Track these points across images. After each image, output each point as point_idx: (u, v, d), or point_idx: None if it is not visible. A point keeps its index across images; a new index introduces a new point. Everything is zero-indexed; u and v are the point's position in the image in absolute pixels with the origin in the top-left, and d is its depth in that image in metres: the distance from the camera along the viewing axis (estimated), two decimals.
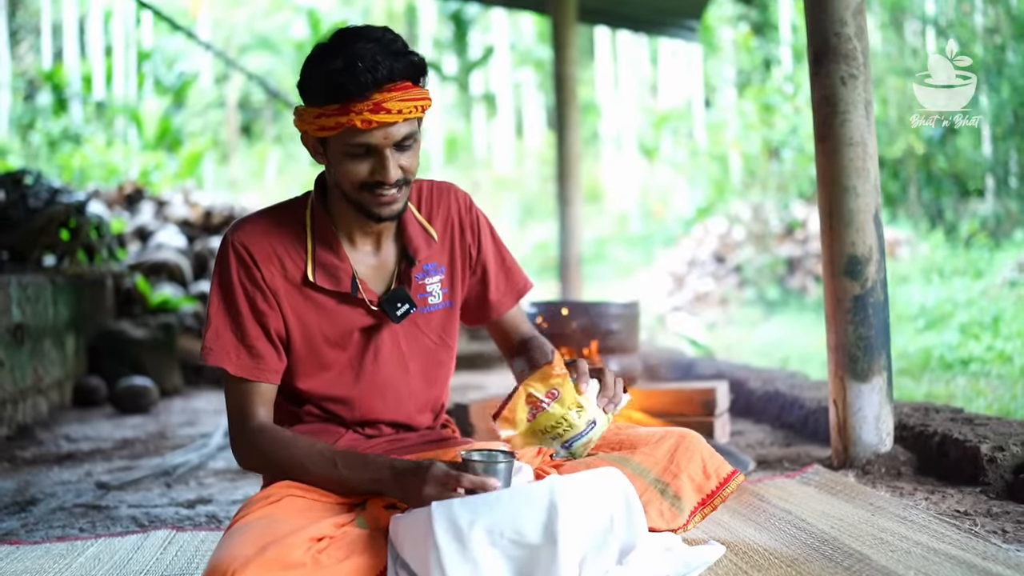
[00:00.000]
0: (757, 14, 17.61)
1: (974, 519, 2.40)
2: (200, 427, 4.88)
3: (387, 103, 1.83)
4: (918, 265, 9.97)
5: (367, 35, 1.86)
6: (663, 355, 6.02)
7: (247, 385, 1.98)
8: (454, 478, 1.75)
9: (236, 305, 1.98)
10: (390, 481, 1.83)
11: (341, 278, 2.02)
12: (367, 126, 1.83)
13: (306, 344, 2.03)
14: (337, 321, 2.04)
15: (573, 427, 1.91)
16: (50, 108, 17.06)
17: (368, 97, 1.82)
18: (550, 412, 1.90)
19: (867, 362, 2.97)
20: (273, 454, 1.93)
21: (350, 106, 1.82)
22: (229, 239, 2.00)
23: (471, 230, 2.19)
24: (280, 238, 2.01)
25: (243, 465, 2.01)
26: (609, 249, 16.40)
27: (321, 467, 1.89)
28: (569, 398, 1.91)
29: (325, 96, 1.85)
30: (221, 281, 2.00)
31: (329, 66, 1.83)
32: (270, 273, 1.99)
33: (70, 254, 5.89)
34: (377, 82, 1.82)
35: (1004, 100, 10.36)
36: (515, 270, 2.28)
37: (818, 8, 2.99)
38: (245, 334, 1.98)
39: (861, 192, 2.94)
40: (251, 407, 1.97)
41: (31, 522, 2.89)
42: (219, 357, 1.96)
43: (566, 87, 7.67)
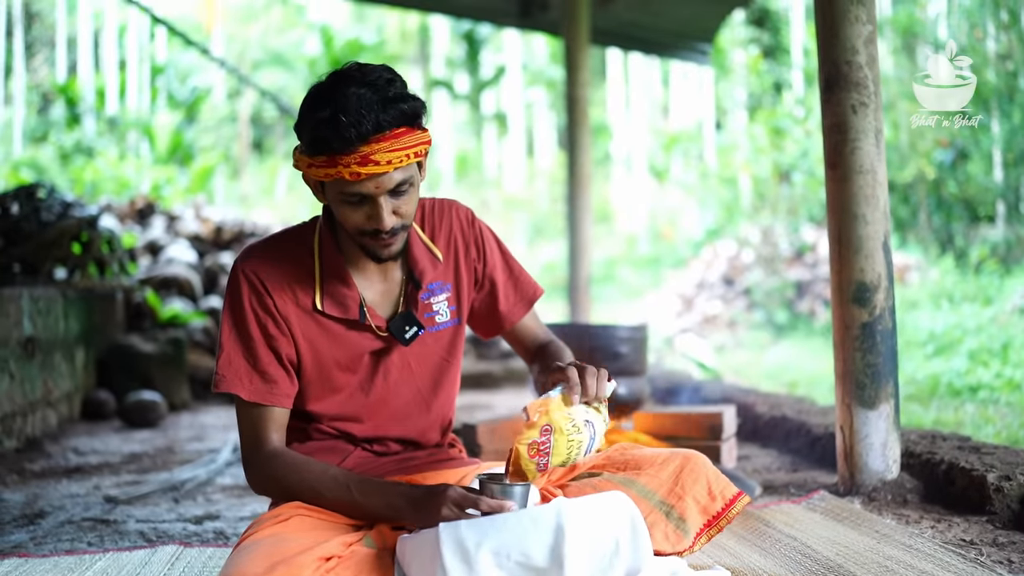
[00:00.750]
0: (769, 37, 17.66)
1: (980, 549, 2.39)
2: (208, 442, 4.89)
3: (375, 155, 1.81)
4: (928, 291, 9.95)
5: (360, 79, 1.83)
6: (671, 378, 6.02)
7: (260, 410, 1.99)
8: (472, 501, 1.76)
9: (248, 331, 1.99)
10: (406, 506, 1.84)
11: (349, 305, 2.03)
12: (355, 178, 1.82)
13: (317, 368, 2.04)
14: (347, 346, 2.05)
15: (581, 443, 1.89)
16: (63, 121, 17.16)
17: (355, 151, 1.80)
18: (556, 449, 1.86)
19: (874, 389, 2.97)
20: (286, 479, 1.94)
21: (337, 159, 1.81)
22: (239, 267, 2.02)
23: (475, 245, 2.20)
24: (289, 266, 2.03)
25: (257, 490, 2.02)
26: (618, 270, 16.40)
27: (335, 492, 1.90)
28: (561, 427, 1.86)
29: (314, 147, 1.84)
30: (232, 308, 2.01)
31: (317, 116, 1.81)
32: (281, 300, 2.01)
33: (81, 267, 5.92)
34: (362, 136, 1.79)
35: (1016, 126, 10.36)
36: (524, 278, 2.28)
37: (830, 36, 3.01)
38: (257, 360, 1.99)
39: (870, 220, 2.95)
40: (264, 432, 1.99)
41: (40, 535, 2.91)
42: (232, 384, 1.98)
43: (578, 108, 7.70)
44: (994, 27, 10.92)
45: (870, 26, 2.97)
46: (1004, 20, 10.78)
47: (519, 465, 1.85)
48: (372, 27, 23.38)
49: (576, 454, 1.89)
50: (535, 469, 1.84)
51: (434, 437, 2.21)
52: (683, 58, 9.90)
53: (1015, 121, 10.31)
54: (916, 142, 11.62)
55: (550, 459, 1.85)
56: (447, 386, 2.20)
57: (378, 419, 2.11)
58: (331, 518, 1.95)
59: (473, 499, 1.77)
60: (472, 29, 21.15)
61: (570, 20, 7.67)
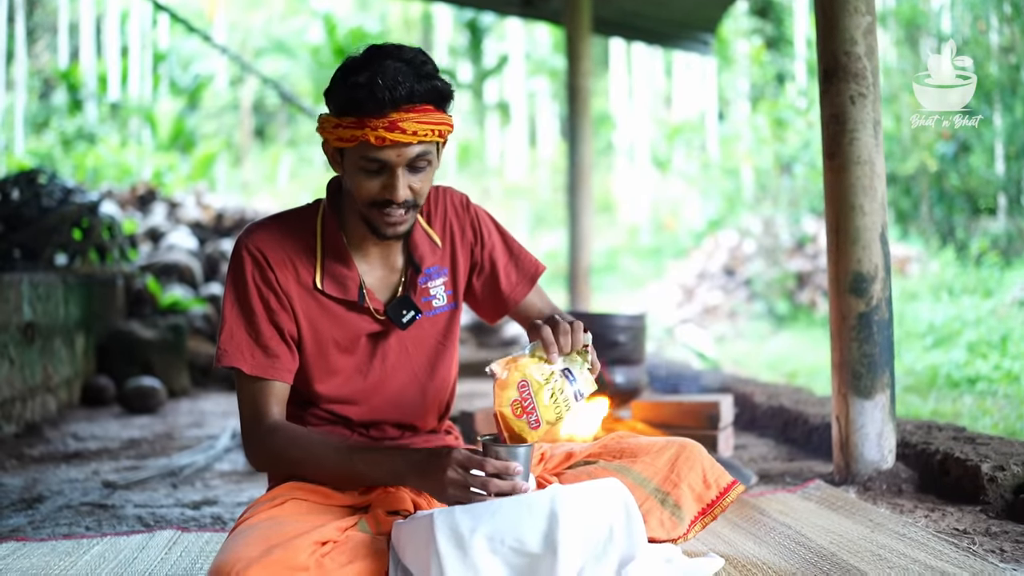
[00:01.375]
0: (772, 28, 17.62)
1: (973, 538, 2.41)
2: (207, 429, 4.91)
3: (403, 123, 1.85)
4: (928, 282, 9.95)
5: (397, 54, 1.88)
6: (669, 367, 6.02)
7: (261, 384, 1.99)
8: (477, 462, 1.76)
9: (250, 306, 2.01)
10: (408, 471, 1.83)
11: (349, 286, 2.05)
12: (380, 143, 1.85)
13: (316, 347, 2.05)
14: (346, 327, 2.07)
15: (564, 392, 1.85)
16: (65, 107, 17.14)
17: (384, 115, 1.84)
18: (541, 402, 1.83)
19: (871, 379, 2.98)
20: (286, 452, 1.94)
21: (366, 121, 1.85)
22: (243, 242, 2.03)
23: (471, 228, 2.21)
24: (292, 244, 2.05)
25: (256, 465, 2.03)
26: (620, 260, 16.40)
27: (336, 462, 1.90)
28: (537, 380, 1.83)
29: (344, 108, 1.88)
30: (235, 283, 2.03)
31: (352, 79, 1.86)
32: (284, 276, 2.02)
33: (82, 253, 5.93)
34: (395, 101, 1.83)
35: (1018, 119, 10.35)
36: (524, 256, 2.29)
37: (828, 27, 3.01)
38: (260, 334, 2.00)
39: (868, 210, 2.96)
40: (265, 406, 1.99)
41: (38, 519, 2.92)
42: (233, 357, 1.98)
43: (579, 98, 7.69)
44: (997, 20, 10.90)
45: (869, 17, 2.97)
46: (1007, 13, 10.76)
47: (511, 430, 1.84)
48: (375, 15, 23.33)
49: (566, 404, 1.85)
50: (528, 428, 1.83)
51: (431, 422, 2.22)
52: (686, 48, 9.88)
53: (1017, 114, 10.31)
54: (918, 134, 11.61)
55: (539, 414, 1.83)
56: (443, 370, 2.21)
57: (375, 403, 2.12)
58: (327, 502, 1.96)
59: (478, 460, 1.76)
60: (475, 18, 21.10)
61: (572, 9, 7.66)
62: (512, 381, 1.84)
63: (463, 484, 1.75)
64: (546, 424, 1.84)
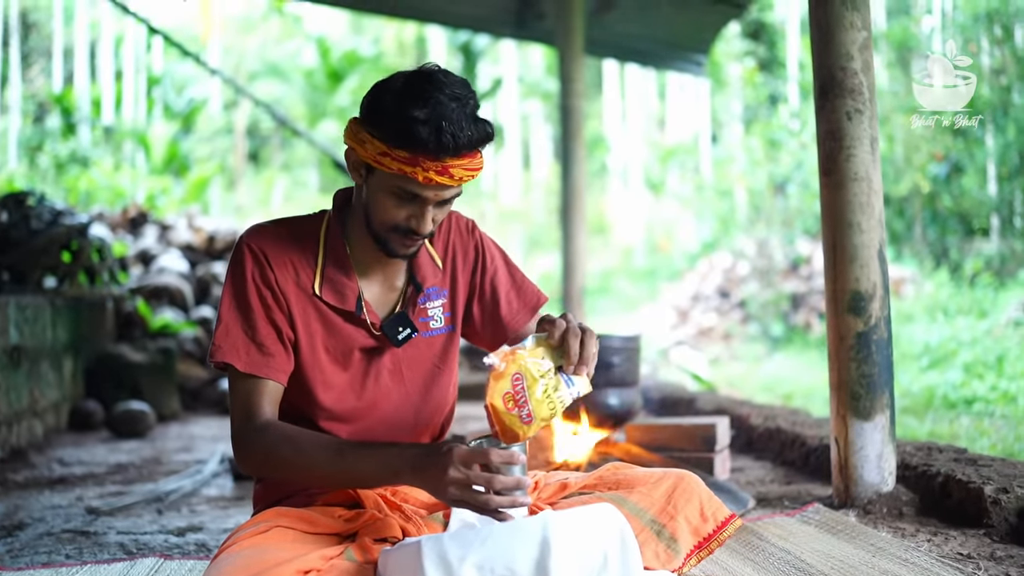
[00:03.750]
0: (764, 50, 17.69)
1: (977, 563, 2.35)
2: (196, 453, 4.84)
3: (453, 168, 1.83)
4: (922, 304, 9.94)
5: (450, 91, 1.82)
6: (664, 390, 5.97)
7: (255, 382, 1.94)
8: (481, 456, 1.70)
9: (248, 303, 1.97)
10: (406, 469, 1.77)
11: (347, 296, 2.02)
12: (427, 183, 1.83)
13: (311, 354, 2.01)
14: (340, 338, 2.03)
15: (558, 389, 1.80)
16: (59, 131, 17.11)
17: (442, 160, 1.81)
18: (533, 396, 1.77)
19: (870, 400, 2.93)
20: (277, 450, 1.87)
21: (420, 160, 1.81)
22: (245, 240, 2.01)
23: (475, 252, 2.19)
24: (294, 248, 2.02)
25: (246, 466, 1.95)
26: (614, 282, 16.39)
27: (329, 460, 1.83)
28: (531, 373, 1.79)
29: (399, 140, 1.82)
30: (234, 280, 1.99)
31: (412, 112, 1.79)
32: (283, 277, 1.99)
33: (71, 276, 5.87)
34: (457, 149, 1.80)
35: (1010, 140, 10.37)
36: (527, 286, 2.26)
37: (824, 42, 2.98)
38: (256, 332, 1.96)
39: (865, 228, 2.91)
40: (257, 405, 1.93)
41: (16, 547, 2.85)
42: (228, 354, 1.94)
43: (572, 119, 7.67)
44: (988, 42, 10.95)
45: (865, 32, 2.94)
46: (998, 35, 10.80)
47: (503, 423, 1.78)
48: (369, 38, 23.38)
49: (560, 401, 1.80)
50: (519, 421, 1.77)
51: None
52: (679, 69, 9.89)
53: (1009, 135, 10.32)
54: (911, 155, 11.64)
55: (531, 408, 1.77)
56: (438, 395, 2.16)
57: (367, 423, 2.07)
58: (312, 529, 1.90)
59: (482, 453, 1.70)
60: (469, 41, 21.16)
61: (565, 30, 7.65)
62: (507, 373, 1.78)
63: (465, 483, 1.69)
64: (539, 420, 1.78)
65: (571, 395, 1.82)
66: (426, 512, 2.06)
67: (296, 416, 2.04)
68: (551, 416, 1.80)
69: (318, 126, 21.29)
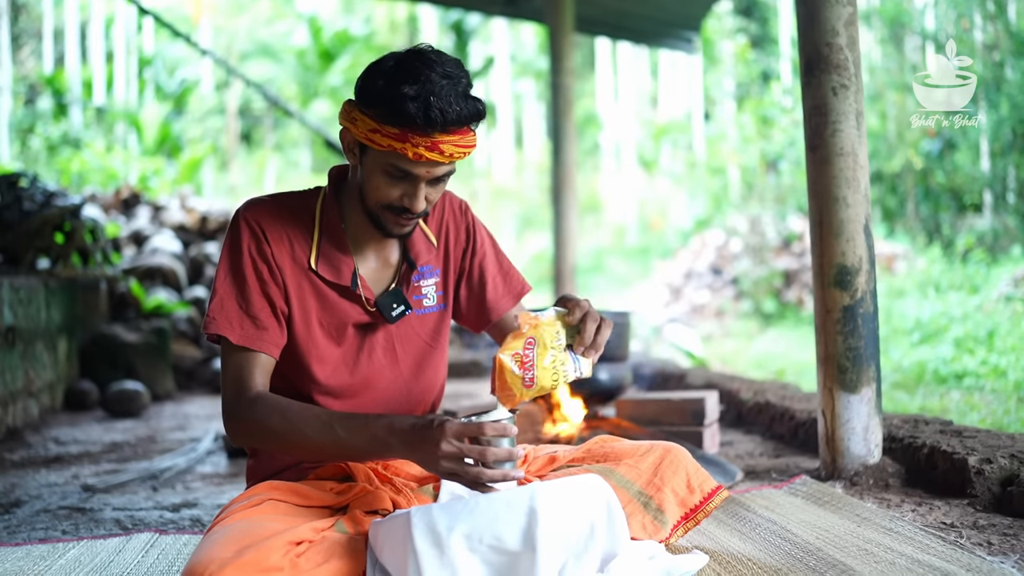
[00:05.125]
0: (757, 27, 17.66)
1: (960, 531, 2.38)
2: (190, 432, 4.86)
3: (443, 144, 1.84)
4: (914, 279, 9.97)
5: (442, 69, 1.84)
6: (656, 366, 6.01)
7: (247, 355, 1.96)
8: (474, 428, 1.73)
9: (243, 276, 1.98)
10: (396, 440, 1.78)
11: (343, 271, 2.04)
12: (417, 159, 1.84)
13: (305, 329, 2.03)
14: (334, 312, 2.05)
15: (565, 364, 1.86)
16: (50, 113, 17.05)
17: (429, 135, 1.82)
18: (540, 364, 1.83)
19: (856, 373, 2.96)
20: (267, 420, 1.88)
21: (409, 135, 1.82)
22: (242, 214, 2.02)
23: (466, 234, 2.21)
24: (290, 222, 2.04)
25: (237, 439, 1.96)
26: (607, 260, 16.41)
27: (319, 431, 1.84)
28: (545, 342, 1.84)
29: (388, 116, 1.83)
30: (231, 252, 2.01)
31: (402, 89, 1.81)
32: (279, 251, 2.01)
33: (64, 257, 5.87)
34: (446, 124, 1.82)
35: (1003, 116, 10.38)
36: (513, 272, 2.29)
37: (810, 18, 2.99)
38: (250, 304, 1.98)
39: (851, 202, 2.94)
40: (249, 377, 1.95)
41: (14, 524, 2.88)
42: (221, 326, 1.95)
43: (563, 96, 7.67)
44: (981, 17, 10.94)
45: (850, 8, 2.95)
46: (991, 10, 10.79)
47: (504, 380, 1.82)
48: (360, 18, 23.29)
49: (564, 376, 1.85)
50: (520, 383, 1.81)
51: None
52: (670, 46, 9.89)
53: (1002, 111, 10.33)
54: (904, 132, 11.64)
55: (536, 374, 1.81)
56: (429, 372, 2.19)
57: (359, 400, 2.09)
58: (304, 503, 1.93)
59: (475, 426, 1.73)
60: (460, 20, 21.08)
61: (555, 8, 7.64)
62: (523, 335, 1.84)
63: (458, 455, 1.72)
64: (538, 387, 1.82)
65: (575, 373, 1.87)
66: (416, 485, 2.09)
67: (291, 391, 2.06)
68: (551, 387, 1.84)
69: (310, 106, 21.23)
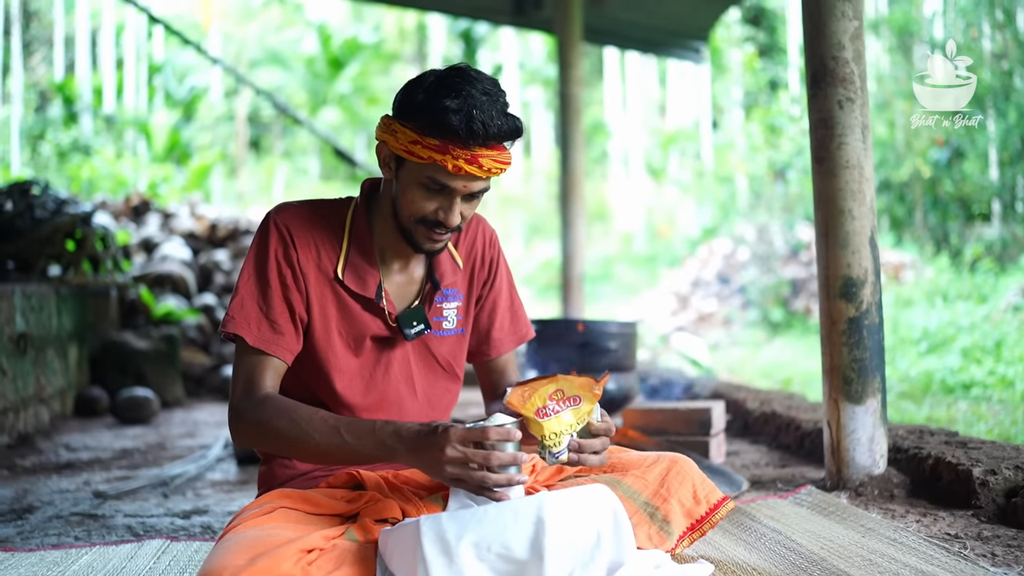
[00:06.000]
0: (765, 36, 17.68)
1: (964, 542, 2.40)
2: (200, 439, 4.90)
3: (482, 159, 1.88)
4: (922, 289, 9.96)
5: (481, 86, 1.88)
6: (663, 375, 6.02)
7: (261, 357, 1.98)
8: (478, 433, 1.75)
9: (267, 279, 2.00)
10: (401, 446, 1.81)
11: (368, 282, 2.05)
12: (456, 171, 1.87)
13: (325, 337, 2.04)
14: (354, 323, 2.06)
15: (563, 436, 1.89)
16: (61, 119, 17.14)
17: (470, 148, 1.86)
18: (559, 418, 1.87)
19: (861, 384, 2.98)
20: (273, 421, 1.89)
21: (450, 147, 1.85)
22: (272, 217, 2.05)
23: (490, 265, 2.24)
24: (320, 230, 2.05)
25: (240, 437, 1.97)
26: (615, 268, 16.41)
27: (325, 435, 1.86)
28: (581, 416, 1.89)
29: (430, 128, 1.87)
30: (257, 254, 2.02)
31: (444, 102, 1.85)
32: (305, 257, 2.02)
33: (75, 264, 5.92)
34: (487, 137, 1.86)
35: (1011, 125, 10.38)
36: (521, 315, 2.32)
37: (816, 31, 3.02)
38: (271, 308, 1.99)
39: (857, 215, 2.96)
40: (261, 379, 1.96)
41: (27, 530, 2.91)
42: (239, 326, 1.97)
43: (571, 106, 7.70)
44: (989, 26, 10.94)
45: (856, 21, 2.98)
46: (999, 19, 10.80)
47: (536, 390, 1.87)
48: (370, 26, 23.36)
49: (557, 439, 1.88)
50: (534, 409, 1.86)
51: None
52: (678, 56, 9.91)
53: (1010, 120, 10.33)
54: (912, 141, 11.64)
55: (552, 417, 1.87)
56: (443, 396, 2.22)
57: (372, 413, 2.10)
58: (315, 510, 1.94)
59: (479, 432, 1.75)
60: (469, 28, 21.15)
61: (563, 17, 7.67)
62: (584, 394, 1.89)
63: (462, 460, 1.74)
64: (541, 425, 1.86)
65: (558, 453, 1.89)
66: (426, 493, 2.11)
67: (312, 401, 2.07)
68: (542, 436, 1.87)
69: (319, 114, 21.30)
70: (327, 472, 2.10)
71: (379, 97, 21.73)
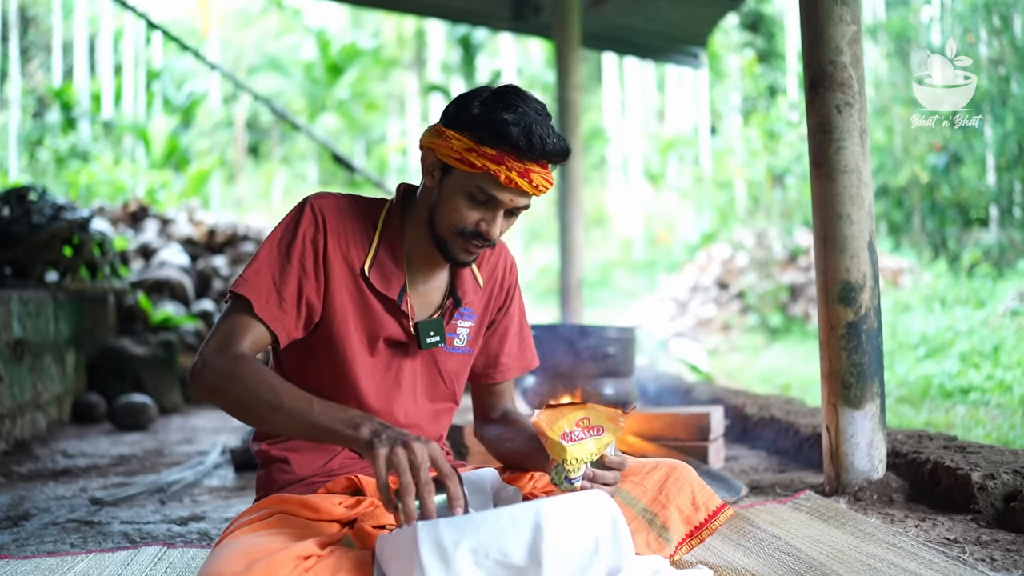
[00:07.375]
0: (763, 42, 17.70)
1: (963, 547, 2.39)
2: (198, 445, 4.89)
3: (533, 174, 1.88)
4: (920, 294, 9.97)
5: (534, 105, 1.91)
6: (662, 380, 6.02)
7: (254, 323, 1.93)
8: (453, 465, 1.72)
9: (290, 256, 1.98)
10: (367, 425, 1.71)
11: (393, 284, 2.04)
12: (507, 183, 1.87)
13: (343, 328, 2.02)
14: (371, 321, 2.05)
15: (583, 462, 1.91)
16: (59, 125, 17.15)
17: (526, 162, 1.87)
18: (583, 445, 1.89)
19: (860, 389, 2.97)
20: (245, 376, 1.82)
21: (505, 158, 1.86)
22: (310, 200, 2.03)
23: (508, 292, 2.25)
24: (354, 221, 2.04)
25: (201, 389, 1.87)
26: (614, 274, 16.43)
27: (295, 400, 1.78)
28: (601, 446, 1.91)
29: (488, 138, 1.87)
30: (286, 229, 2.00)
31: (502, 115, 1.86)
32: (333, 246, 2.01)
33: (72, 270, 5.91)
34: (544, 153, 1.87)
35: (1008, 131, 10.40)
36: (529, 344, 2.33)
37: (814, 36, 3.02)
38: (284, 284, 1.96)
39: (855, 219, 2.96)
40: (242, 339, 1.91)
41: (23, 537, 2.90)
42: (251, 290, 1.93)
43: (569, 112, 7.69)
44: (986, 32, 10.97)
45: (854, 26, 2.98)
46: (996, 25, 10.82)
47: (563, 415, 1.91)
48: (368, 32, 23.41)
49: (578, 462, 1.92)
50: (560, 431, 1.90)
51: None
52: (676, 62, 9.91)
53: (1008, 125, 10.35)
54: (910, 146, 11.66)
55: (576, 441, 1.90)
56: (442, 414, 2.21)
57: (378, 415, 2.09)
58: (313, 516, 1.94)
59: (452, 465, 1.73)
60: (468, 34, 21.18)
61: (561, 23, 7.67)
62: (609, 425, 1.92)
63: (415, 463, 1.64)
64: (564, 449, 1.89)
65: (575, 478, 1.92)
66: None
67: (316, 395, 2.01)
68: (564, 459, 1.90)
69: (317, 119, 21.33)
70: (326, 477, 2.09)
71: (377, 103, 21.78)
